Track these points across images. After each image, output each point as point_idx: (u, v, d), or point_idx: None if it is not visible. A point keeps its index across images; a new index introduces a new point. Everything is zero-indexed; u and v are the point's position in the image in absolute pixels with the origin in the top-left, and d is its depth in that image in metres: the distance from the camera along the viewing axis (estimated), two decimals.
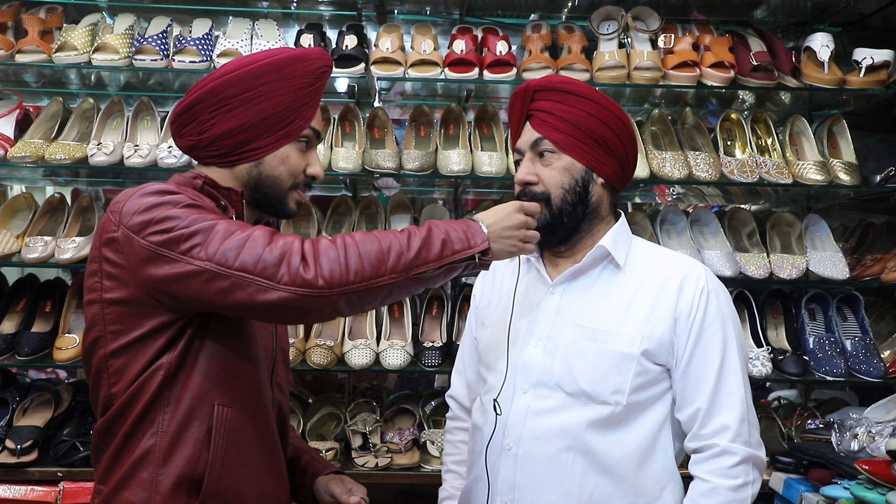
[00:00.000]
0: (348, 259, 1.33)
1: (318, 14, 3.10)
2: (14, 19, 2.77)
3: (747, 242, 2.87)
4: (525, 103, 1.71)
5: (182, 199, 1.38)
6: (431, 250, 1.40)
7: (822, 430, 2.46)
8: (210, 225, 1.34)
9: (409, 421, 2.72)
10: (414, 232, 1.41)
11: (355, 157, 2.69)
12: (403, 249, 1.38)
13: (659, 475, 1.63)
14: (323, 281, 1.31)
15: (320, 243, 1.34)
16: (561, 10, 3.08)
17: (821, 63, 2.72)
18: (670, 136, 2.85)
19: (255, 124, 1.48)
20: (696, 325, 1.63)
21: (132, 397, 1.41)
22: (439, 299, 2.91)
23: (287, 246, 1.32)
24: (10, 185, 3.38)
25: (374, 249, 1.36)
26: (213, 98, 1.49)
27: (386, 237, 1.39)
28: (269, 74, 1.48)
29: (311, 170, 1.57)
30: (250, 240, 1.32)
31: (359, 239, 1.36)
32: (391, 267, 1.36)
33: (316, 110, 1.55)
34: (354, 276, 1.33)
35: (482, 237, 1.47)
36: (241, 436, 1.45)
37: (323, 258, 1.32)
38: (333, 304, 1.34)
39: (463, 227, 1.46)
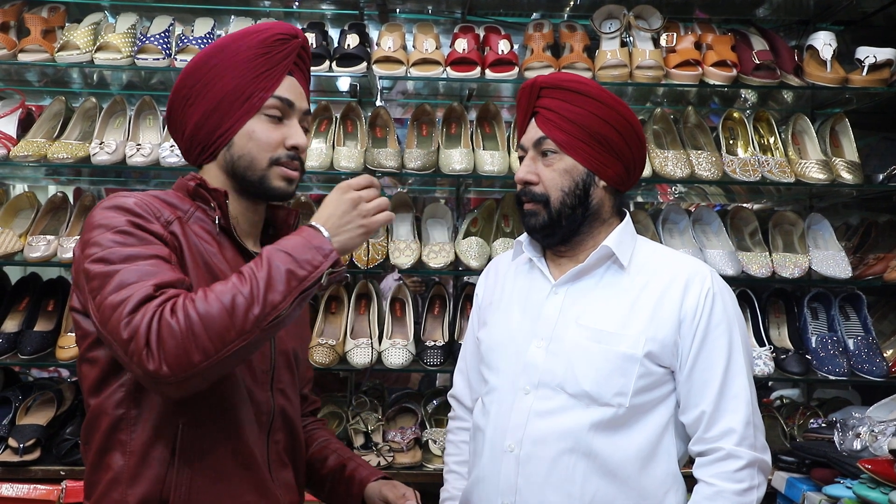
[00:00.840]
0: (194, 338, 1.24)
1: (321, 13, 3.10)
2: (16, 18, 2.77)
3: (749, 241, 2.87)
4: (531, 100, 1.70)
5: (117, 224, 1.34)
6: (277, 288, 1.30)
7: (825, 429, 2.45)
8: (112, 270, 1.29)
9: (411, 420, 2.72)
10: (253, 274, 1.30)
11: (357, 156, 2.69)
12: (247, 302, 1.27)
13: (662, 478, 1.62)
14: (167, 370, 1.24)
15: (163, 324, 1.24)
16: (563, 8, 3.08)
17: (823, 61, 2.72)
18: (672, 134, 2.85)
19: (215, 108, 1.46)
20: (702, 327, 1.62)
21: (100, 410, 1.39)
22: (441, 298, 2.91)
23: (137, 325, 1.24)
24: (13, 185, 3.38)
25: (217, 315, 1.25)
26: (177, 98, 1.50)
27: (226, 292, 1.28)
28: (216, 57, 1.48)
29: (290, 141, 1.50)
30: (122, 303, 1.26)
31: (200, 308, 1.26)
32: (239, 329, 1.26)
33: (279, 80, 1.49)
34: (201, 357, 1.25)
35: (326, 245, 1.36)
36: (212, 455, 1.40)
37: (166, 345, 1.24)
38: (184, 389, 1.28)
39: (303, 243, 1.35)
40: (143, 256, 1.32)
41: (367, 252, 1.96)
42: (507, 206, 2.93)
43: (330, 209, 1.42)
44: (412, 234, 2.81)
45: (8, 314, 2.72)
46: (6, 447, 2.42)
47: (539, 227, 1.68)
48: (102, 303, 1.28)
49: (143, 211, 1.38)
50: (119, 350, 1.27)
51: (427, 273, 2.94)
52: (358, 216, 1.42)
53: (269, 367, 1.52)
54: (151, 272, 1.30)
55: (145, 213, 1.38)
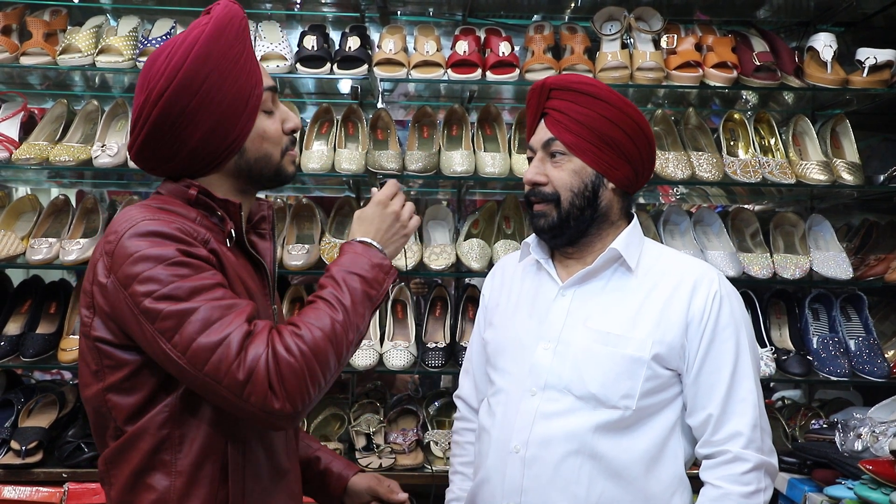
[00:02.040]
0: (310, 373, 1.27)
1: (322, 15, 3.11)
2: (18, 22, 2.78)
3: (751, 242, 2.87)
4: (541, 101, 1.70)
5: (170, 255, 1.28)
6: (360, 311, 1.35)
7: (826, 430, 2.46)
8: (186, 308, 1.25)
9: (413, 422, 2.72)
10: (338, 299, 1.33)
11: (358, 158, 2.69)
12: (344, 329, 1.32)
13: (668, 480, 1.62)
14: (291, 407, 1.26)
15: (282, 363, 1.25)
16: (563, 10, 3.09)
17: (824, 63, 2.72)
18: (673, 136, 2.85)
19: (220, 121, 1.37)
20: (709, 330, 1.62)
21: (139, 434, 1.35)
22: (443, 300, 2.92)
23: (254, 365, 1.24)
24: (15, 187, 3.39)
25: (325, 347, 1.28)
26: (166, 122, 1.35)
27: (324, 321, 1.30)
28: (204, 68, 1.34)
29: (287, 125, 1.48)
30: (224, 345, 1.24)
31: (309, 341, 1.27)
32: (340, 357, 1.32)
33: (260, 68, 1.44)
34: (317, 390, 1.29)
35: (386, 262, 1.42)
36: (256, 467, 1.41)
37: (289, 383, 1.25)
38: (297, 422, 1.33)
39: (368, 262, 1.40)
40: (208, 287, 1.28)
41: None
42: (509, 207, 2.93)
43: (377, 224, 1.46)
44: (414, 235, 2.80)
45: (10, 317, 2.72)
46: (8, 450, 2.42)
47: (548, 227, 1.67)
48: (191, 345, 1.24)
49: (184, 235, 1.32)
50: (228, 392, 1.24)
51: (428, 275, 2.94)
52: (401, 227, 1.49)
53: None
54: (230, 305, 1.28)
55: (186, 237, 1.32)
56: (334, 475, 1.68)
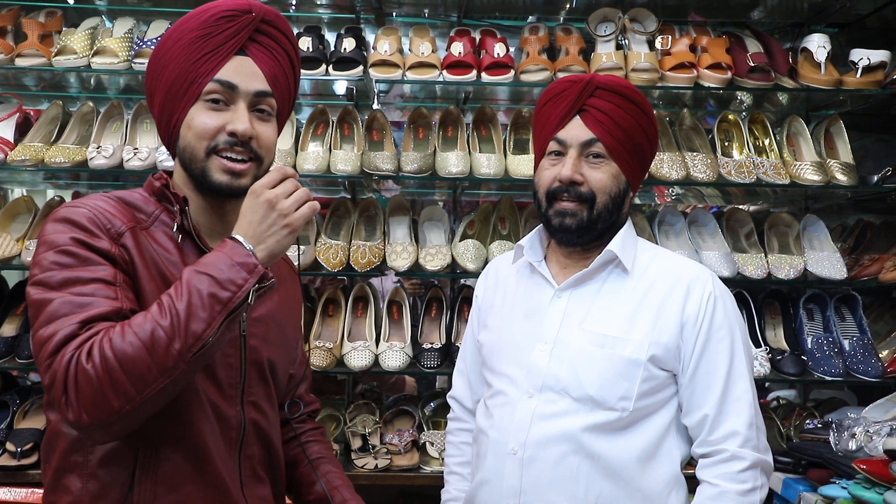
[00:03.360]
0: (112, 383, 1.16)
1: (317, 17, 3.11)
2: (14, 23, 2.78)
3: (745, 243, 2.88)
4: (581, 96, 1.65)
5: (61, 242, 1.25)
6: (199, 316, 1.19)
7: (821, 429, 2.46)
8: (46, 298, 1.22)
9: (409, 422, 2.72)
10: (172, 303, 1.20)
11: (354, 159, 2.69)
12: (167, 336, 1.18)
13: (665, 480, 1.62)
14: (87, 417, 1.16)
15: (79, 370, 1.16)
16: (558, 11, 3.10)
17: (818, 64, 2.73)
18: (668, 137, 2.86)
19: (165, 97, 1.38)
20: (703, 331, 1.63)
21: (57, 433, 1.32)
22: (438, 301, 2.92)
23: (56, 369, 1.17)
24: (11, 189, 3.38)
25: (135, 355, 1.16)
26: (147, 95, 1.45)
27: (145, 327, 1.18)
28: (165, 44, 1.40)
29: (229, 126, 1.36)
30: (46, 342, 1.19)
31: (117, 348, 1.16)
32: (161, 367, 1.17)
33: (223, 61, 1.37)
34: (121, 402, 1.16)
35: (249, 259, 1.25)
36: (175, 477, 1.33)
37: (83, 393, 1.16)
38: (111, 433, 1.23)
39: (224, 260, 1.24)
40: (83, 280, 1.23)
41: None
42: (504, 208, 2.93)
43: (248, 216, 1.29)
44: (409, 236, 2.82)
45: (6, 318, 2.72)
46: (4, 451, 2.42)
47: (576, 227, 1.65)
48: (34, 335, 1.22)
49: (91, 224, 1.28)
50: (44, 391, 1.22)
51: (424, 276, 2.95)
52: (279, 217, 1.29)
53: (239, 381, 1.43)
54: (83, 303, 1.21)
55: (93, 227, 1.28)
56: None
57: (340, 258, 2.66)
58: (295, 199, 1.30)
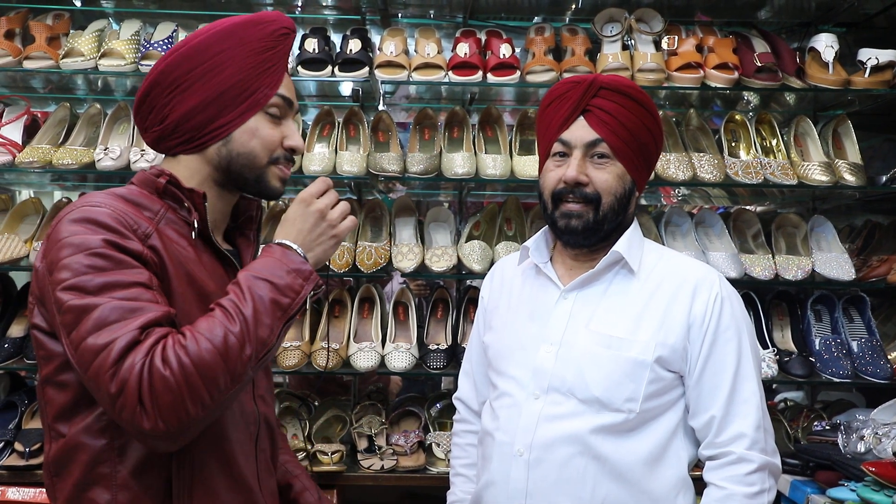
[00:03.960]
0: (189, 390, 1.15)
1: (323, 18, 3.12)
2: (22, 26, 2.79)
3: (752, 244, 2.87)
4: (585, 97, 1.64)
5: (93, 244, 1.21)
6: (264, 322, 1.22)
7: (829, 431, 2.45)
8: (88, 304, 1.17)
9: (415, 423, 2.72)
10: (238, 308, 1.21)
11: (360, 160, 2.70)
12: (239, 342, 1.19)
13: (673, 482, 1.61)
14: (163, 426, 1.15)
15: (156, 376, 1.14)
16: (564, 12, 3.09)
17: (825, 64, 2.72)
18: (674, 137, 2.85)
19: (215, 99, 1.36)
20: (710, 332, 1.62)
21: (76, 441, 1.27)
22: (444, 302, 2.92)
23: (126, 377, 1.14)
24: (19, 190, 3.40)
25: (211, 361, 1.16)
26: (165, 80, 1.36)
27: (216, 332, 1.18)
28: (221, 43, 1.36)
29: (288, 142, 1.42)
30: (105, 350, 1.15)
31: (193, 354, 1.16)
32: (233, 373, 1.19)
33: (282, 77, 1.42)
34: (198, 409, 1.16)
35: (304, 266, 1.29)
36: (207, 480, 1.32)
37: (162, 400, 1.14)
38: (180, 441, 1.21)
39: (281, 267, 1.27)
40: (123, 285, 1.20)
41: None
42: (510, 209, 2.93)
43: (298, 224, 1.34)
44: (415, 237, 2.82)
45: (14, 319, 2.74)
46: (12, 451, 2.43)
47: (583, 228, 1.65)
48: (80, 344, 1.17)
49: (119, 225, 1.24)
50: (105, 401, 1.17)
51: (430, 277, 2.95)
52: (328, 227, 1.36)
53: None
54: (134, 308, 1.18)
55: (122, 228, 1.25)
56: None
57: (346, 259, 2.66)
58: (340, 210, 1.38)
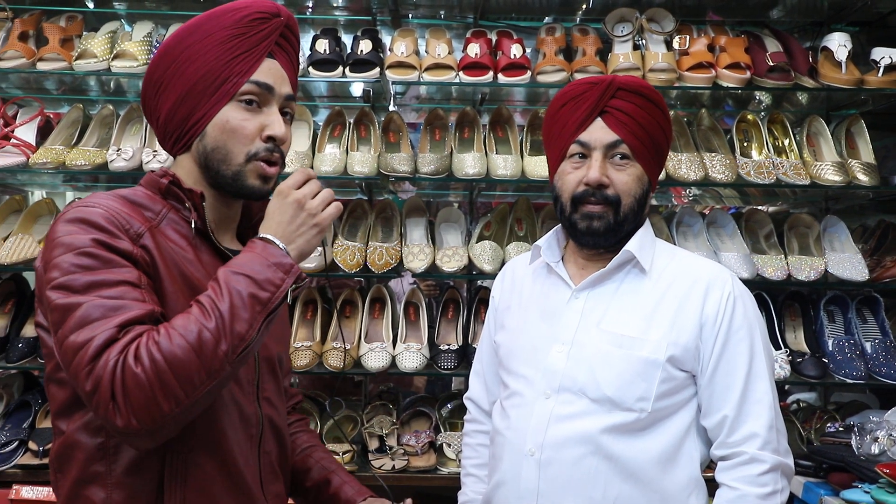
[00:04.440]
0: (162, 387, 1.14)
1: (333, 19, 3.12)
2: (35, 28, 2.82)
3: (765, 244, 2.85)
4: (603, 98, 1.64)
5: (81, 244, 1.21)
6: (241, 317, 1.20)
7: (842, 433, 2.44)
8: (73, 302, 1.18)
9: (426, 423, 2.73)
10: (214, 304, 1.20)
11: (370, 160, 2.70)
12: (214, 338, 1.17)
13: (685, 482, 1.61)
14: (136, 423, 1.14)
15: (127, 374, 1.13)
16: (575, 12, 3.09)
17: (838, 63, 2.71)
18: (686, 137, 2.84)
19: (187, 94, 1.34)
20: (723, 331, 1.61)
21: (74, 438, 1.27)
22: (455, 302, 2.92)
23: (100, 374, 1.13)
24: (32, 191, 3.42)
25: (184, 357, 1.15)
26: (150, 82, 1.38)
27: (190, 328, 1.17)
28: (189, 38, 1.35)
29: (267, 131, 1.36)
30: (83, 348, 1.15)
31: (166, 350, 1.15)
32: (209, 369, 1.17)
33: (257, 63, 1.36)
34: (171, 405, 1.15)
35: (285, 259, 1.26)
36: (203, 481, 1.31)
37: (133, 397, 1.13)
38: (157, 439, 1.19)
39: (261, 261, 1.25)
40: (109, 283, 1.20)
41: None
42: (521, 209, 2.93)
43: (277, 217, 1.31)
44: (426, 238, 2.82)
45: (28, 319, 2.75)
46: (26, 450, 2.45)
47: (604, 230, 1.65)
48: (64, 341, 1.17)
49: (110, 225, 1.24)
50: (84, 398, 1.17)
51: (440, 277, 2.95)
52: (308, 217, 1.31)
53: (255, 377, 1.43)
54: (116, 307, 1.18)
55: (113, 228, 1.24)
56: (341, 502, 1.59)
57: (357, 259, 2.67)
58: (321, 198, 1.33)
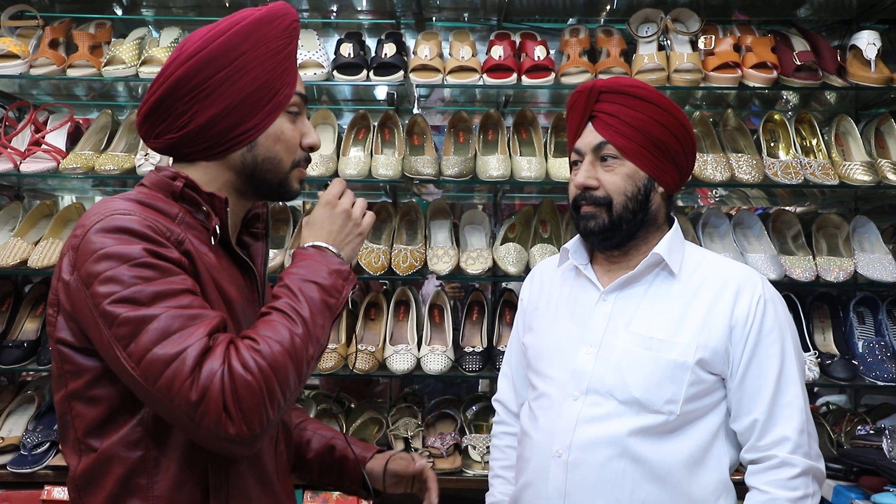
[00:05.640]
0: (269, 392, 1.16)
1: (358, 23, 3.14)
2: (65, 35, 2.87)
3: (792, 245, 2.82)
4: (589, 103, 1.67)
5: (135, 254, 1.18)
6: (319, 323, 1.24)
7: (873, 436, 2.41)
8: (145, 315, 1.15)
9: (451, 426, 2.73)
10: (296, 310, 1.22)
11: (395, 163, 2.71)
12: (304, 343, 1.21)
13: (714, 485, 1.60)
14: (248, 430, 1.14)
15: (238, 381, 1.13)
16: (599, 13, 3.08)
17: (867, 61, 2.67)
18: (712, 138, 2.82)
19: (241, 103, 1.31)
20: (753, 334, 1.60)
21: (111, 456, 1.23)
22: (479, 304, 2.92)
23: (207, 384, 1.12)
24: (62, 196, 3.48)
25: (284, 363, 1.17)
26: (185, 86, 1.29)
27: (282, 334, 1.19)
28: (243, 45, 1.30)
29: (306, 140, 1.40)
30: (179, 359, 1.12)
31: (268, 357, 1.16)
32: (301, 373, 1.21)
33: (297, 72, 1.39)
34: (275, 410, 1.18)
35: (344, 267, 1.32)
36: (243, 489, 1.31)
37: (246, 404, 1.14)
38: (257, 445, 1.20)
39: (325, 269, 1.29)
40: (174, 293, 1.18)
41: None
42: (545, 211, 2.92)
43: (327, 226, 1.36)
44: (450, 240, 2.82)
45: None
46: (58, 451, 2.48)
47: (598, 230, 1.66)
48: (146, 356, 1.13)
49: (153, 233, 1.22)
50: (180, 412, 1.13)
51: (465, 279, 2.95)
52: (354, 226, 1.38)
53: None
54: (193, 315, 1.17)
55: (156, 236, 1.22)
56: (350, 462, 1.60)
57: (382, 262, 2.68)
58: (360, 207, 1.40)
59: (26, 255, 2.66)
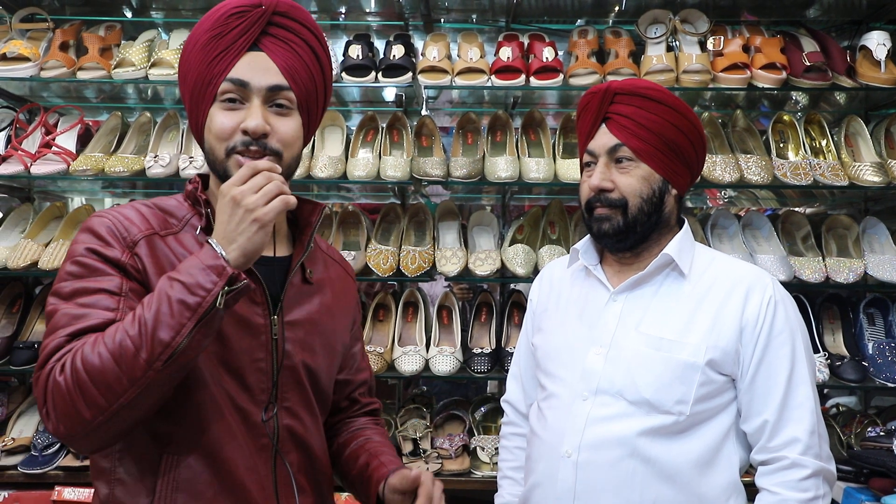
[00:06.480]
0: (81, 394, 1.16)
1: (366, 24, 3.15)
2: (75, 37, 2.88)
3: (802, 246, 2.82)
4: (603, 105, 1.67)
5: (76, 252, 1.29)
6: (165, 324, 1.17)
7: (883, 437, 2.40)
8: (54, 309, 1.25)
9: (459, 427, 2.73)
10: (142, 311, 1.19)
11: (403, 165, 2.72)
12: (134, 346, 1.16)
13: (724, 486, 1.59)
14: (63, 428, 1.18)
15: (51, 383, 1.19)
16: (607, 14, 3.08)
17: (877, 62, 2.66)
18: (720, 139, 2.81)
19: (191, 103, 1.38)
20: (764, 335, 1.60)
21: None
22: (488, 305, 2.92)
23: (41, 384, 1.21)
24: (72, 198, 3.50)
25: (102, 366, 1.16)
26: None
27: (114, 337, 1.18)
28: (186, 48, 1.38)
29: (243, 124, 1.32)
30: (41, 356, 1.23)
31: (87, 359, 1.17)
32: (130, 377, 1.16)
33: (235, 59, 1.33)
34: (93, 412, 1.17)
35: (218, 261, 1.20)
36: (196, 484, 1.31)
37: (57, 404, 1.18)
38: (93, 443, 1.23)
39: (196, 265, 1.21)
40: (89, 291, 1.25)
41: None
42: (553, 213, 2.92)
43: (219, 217, 1.25)
44: (458, 241, 2.83)
45: None
46: (68, 452, 2.50)
47: (612, 231, 1.66)
48: (47, 345, 1.23)
49: (107, 234, 1.30)
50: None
51: (473, 280, 2.95)
52: (245, 213, 1.22)
53: (270, 386, 1.39)
54: (80, 315, 1.23)
55: (108, 236, 1.30)
56: (373, 481, 1.52)
57: (391, 263, 2.68)
58: (264, 193, 1.24)
59: (37, 257, 2.68)
